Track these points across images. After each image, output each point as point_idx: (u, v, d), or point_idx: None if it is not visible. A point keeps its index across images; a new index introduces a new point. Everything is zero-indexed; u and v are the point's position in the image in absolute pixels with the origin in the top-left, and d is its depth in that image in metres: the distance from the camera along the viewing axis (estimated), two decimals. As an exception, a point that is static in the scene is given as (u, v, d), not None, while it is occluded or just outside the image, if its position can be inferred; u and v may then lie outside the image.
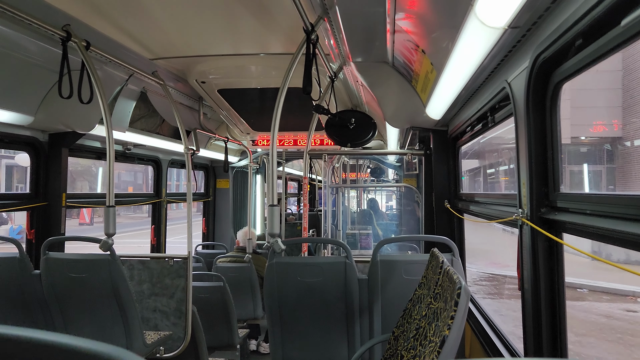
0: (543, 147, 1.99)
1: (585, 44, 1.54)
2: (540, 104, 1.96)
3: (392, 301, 3.36)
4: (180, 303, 3.75)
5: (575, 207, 1.76)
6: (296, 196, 17.70)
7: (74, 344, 0.57)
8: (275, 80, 4.39)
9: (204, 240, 7.91)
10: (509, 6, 1.57)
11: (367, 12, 2.50)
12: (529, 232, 2.04)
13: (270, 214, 2.75)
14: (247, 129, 6.43)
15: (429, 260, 2.78)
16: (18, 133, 3.88)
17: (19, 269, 3.39)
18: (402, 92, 3.79)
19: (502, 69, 2.35)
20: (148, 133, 5.19)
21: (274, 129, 2.65)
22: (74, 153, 4.54)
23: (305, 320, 3.48)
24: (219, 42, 3.59)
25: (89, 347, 0.57)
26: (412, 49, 2.89)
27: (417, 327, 2.33)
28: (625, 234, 1.38)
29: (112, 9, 2.90)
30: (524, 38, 1.89)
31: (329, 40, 3.10)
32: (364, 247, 8.72)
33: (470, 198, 3.77)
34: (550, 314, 1.99)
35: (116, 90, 4.15)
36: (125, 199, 6.14)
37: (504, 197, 2.93)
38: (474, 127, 3.44)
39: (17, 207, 4.03)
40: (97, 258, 3.27)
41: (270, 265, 3.41)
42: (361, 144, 4.43)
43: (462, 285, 1.76)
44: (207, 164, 7.82)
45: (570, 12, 1.49)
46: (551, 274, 2.00)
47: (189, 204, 4.10)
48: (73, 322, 3.46)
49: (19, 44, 3.06)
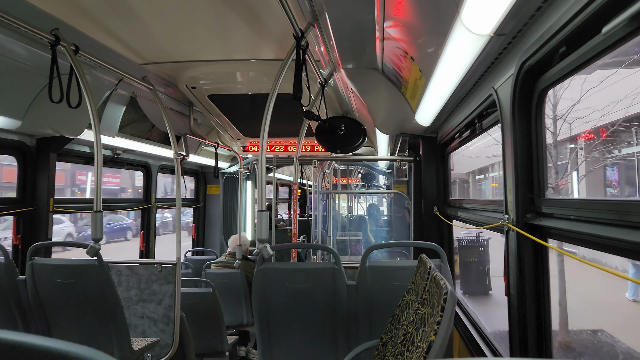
0: (529, 154, 2.01)
1: (568, 51, 1.57)
2: (526, 110, 1.98)
3: (380, 307, 3.36)
4: (169, 309, 3.72)
5: (559, 213, 1.78)
6: (287, 201, 17.69)
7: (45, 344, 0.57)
8: (266, 86, 4.40)
9: (194, 246, 7.87)
10: (494, 13, 1.59)
11: (357, 19, 2.52)
12: (515, 237, 2.06)
13: (259, 219, 2.74)
14: (238, 135, 6.42)
15: (417, 266, 2.78)
16: (5, 137, 3.84)
17: (4, 275, 3.35)
18: (391, 99, 3.81)
19: (489, 76, 2.37)
20: (138, 138, 5.16)
21: (264, 134, 2.65)
22: (62, 158, 4.51)
23: (294, 326, 3.47)
24: (210, 48, 3.59)
25: (58, 348, 0.57)
26: (401, 55, 2.91)
27: (405, 332, 2.33)
28: (608, 239, 1.40)
29: (101, 13, 2.89)
30: (510, 45, 1.92)
31: (319, 47, 3.12)
32: (354, 253, 8.73)
33: (459, 204, 3.79)
34: (536, 317, 2.00)
35: (105, 95, 4.13)
36: (114, 205, 6.09)
37: (491, 203, 2.95)
38: (462, 133, 3.46)
39: (4, 212, 3.99)
40: (84, 264, 3.23)
41: (259, 271, 3.40)
42: (351, 150, 4.45)
43: (449, 290, 1.77)
44: (198, 170, 7.79)
45: (554, 20, 1.51)
46: (537, 279, 2.01)
47: (178, 210, 4.07)
48: (58, 328, 3.42)
49: (6, 48, 3.05)
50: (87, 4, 2.75)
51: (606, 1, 1.23)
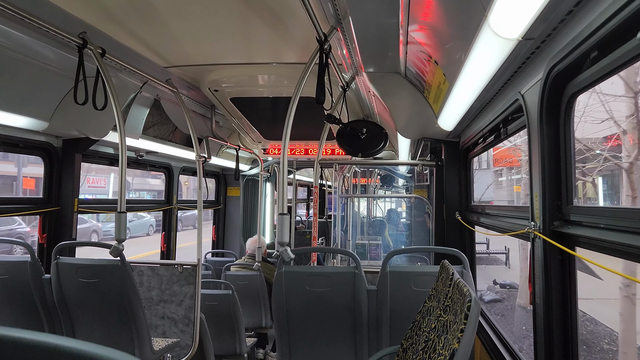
0: (556, 160, 1.97)
1: (600, 56, 1.53)
2: (554, 116, 1.94)
3: (401, 313, 3.33)
4: (189, 310, 3.75)
5: (588, 221, 1.73)
6: (305, 202, 17.71)
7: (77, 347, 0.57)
8: (287, 89, 4.40)
9: (214, 248, 7.92)
10: (523, 17, 1.56)
11: (381, 23, 2.50)
12: (542, 245, 2.02)
13: (280, 222, 2.74)
14: (259, 138, 6.46)
15: (439, 272, 2.75)
16: (33, 138, 3.92)
17: (30, 273, 3.42)
18: (414, 103, 3.78)
19: (515, 81, 2.33)
20: (161, 140, 5.23)
21: (285, 137, 2.65)
22: (87, 159, 4.59)
23: (313, 330, 3.46)
24: (233, 51, 3.62)
25: (92, 351, 0.57)
26: (425, 60, 2.89)
27: (426, 339, 2.30)
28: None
29: (127, 17, 2.93)
30: (538, 50, 1.88)
31: (342, 50, 3.11)
32: (373, 258, 8.68)
33: (482, 210, 3.73)
34: (562, 328, 1.96)
35: (130, 97, 4.19)
36: (137, 205, 6.17)
37: (516, 210, 2.90)
38: (486, 138, 3.41)
39: (31, 212, 4.07)
40: (107, 264, 3.27)
41: (279, 274, 3.40)
42: (372, 154, 4.42)
43: (473, 298, 1.74)
44: (218, 172, 7.85)
45: (585, 24, 1.48)
46: (563, 288, 1.97)
47: (199, 212, 4.11)
48: (81, 327, 3.47)
49: (35, 50, 3.11)
50: (114, 8, 2.79)
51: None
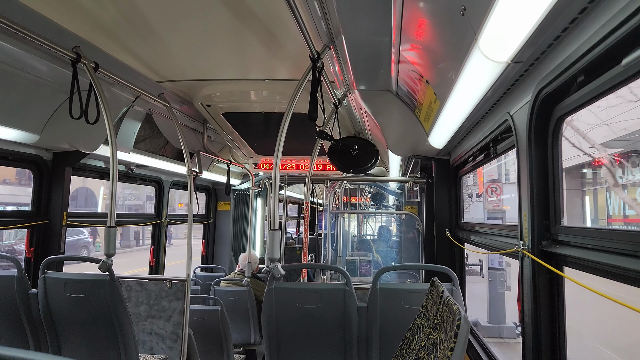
0: (545, 180, 2.00)
1: (586, 80, 1.57)
2: (542, 137, 1.97)
3: (391, 330, 3.32)
4: (177, 326, 3.71)
5: (576, 241, 1.76)
6: (296, 219, 17.68)
7: None
8: (280, 105, 4.43)
9: (203, 263, 7.86)
10: (512, 42, 1.60)
11: (373, 41, 2.54)
12: (530, 264, 2.04)
13: (270, 238, 2.74)
14: (250, 152, 6.47)
15: (428, 290, 2.75)
16: (23, 151, 3.90)
17: (17, 288, 3.37)
18: (405, 121, 3.82)
19: (504, 102, 2.37)
20: (152, 154, 5.21)
21: (278, 153, 2.66)
22: (77, 172, 4.56)
23: (303, 347, 3.44)
24: (226, 67, 3.64)
25: None
26: (416, 78, 2.93)
27: (416, 357, 2.30)
28: (627, 270, 1.38)
29: (121, 32, 2.95)
30: (527, 72, 1.92)
31: (334, 68, 3.15)
32: (363, 274, 8.66)
33: (472, 228, 3.76)
34: (551, 347, 1.97)
35: (122, 111, 4.19)
36: (127, 219, 6.13)
37: (505, 228, 2.93)
38: (476, 157, 3.45)
39: (18, 225, 4.03)
40: (96, 279, 3.24)
41: (269, 290, 3.38)
42: (363, 171, 4.45)
43: (462, 316, 1.75)
44: (209, 186, 7.82)
45: (572, 50, 1.51)
46: (552, 307, 1.98)
47: (189, 226, 4.09)
48: (68, 343, 3.41)
49: (27, 64, 3.11)
50: (108, 22, 2.81)
51: (627, 33, 1.23)
